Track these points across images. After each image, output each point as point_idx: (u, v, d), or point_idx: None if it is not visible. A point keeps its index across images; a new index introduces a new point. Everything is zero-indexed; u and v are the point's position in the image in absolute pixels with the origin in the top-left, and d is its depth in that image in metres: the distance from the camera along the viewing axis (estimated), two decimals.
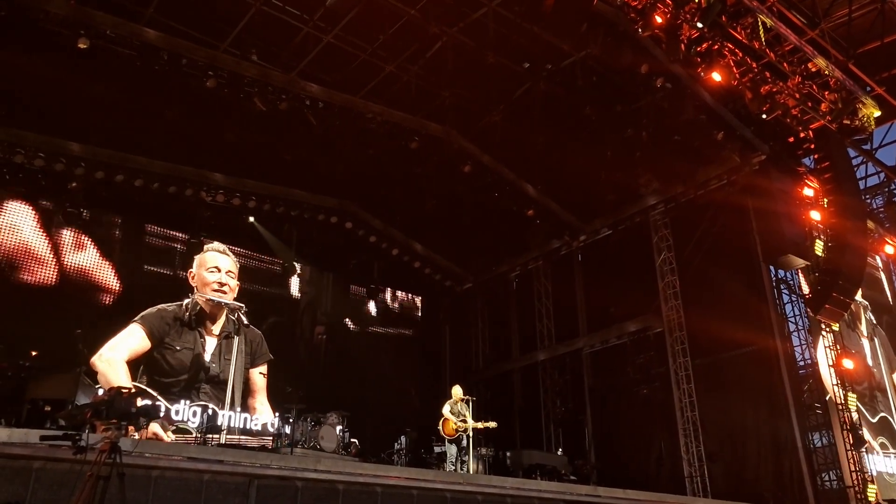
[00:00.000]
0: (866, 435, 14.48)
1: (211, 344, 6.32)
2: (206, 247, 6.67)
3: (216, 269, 6.38)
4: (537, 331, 19.07)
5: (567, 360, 18.42)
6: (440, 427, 12.84)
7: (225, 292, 6.32)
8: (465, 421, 12.72)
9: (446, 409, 12.91)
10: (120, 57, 12.01)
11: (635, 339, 16.80)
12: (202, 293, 6.30)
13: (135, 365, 5.94)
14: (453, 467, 12.40)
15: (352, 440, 10.37)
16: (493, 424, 12.82)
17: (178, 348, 6.10)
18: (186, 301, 6.35)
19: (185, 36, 12.60)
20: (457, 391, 13.12)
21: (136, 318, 6.06)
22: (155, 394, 5.67)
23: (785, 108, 13.54)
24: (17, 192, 13.94)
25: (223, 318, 6.44)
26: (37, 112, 13.16)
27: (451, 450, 12.66)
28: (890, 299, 18.27)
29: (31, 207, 14.11)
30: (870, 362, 16.29)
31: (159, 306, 6.26)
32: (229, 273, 6.45)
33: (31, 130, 13.34)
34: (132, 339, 5.92)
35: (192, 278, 6.51)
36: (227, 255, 6.56)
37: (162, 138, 14.30)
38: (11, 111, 12.99)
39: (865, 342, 16.34)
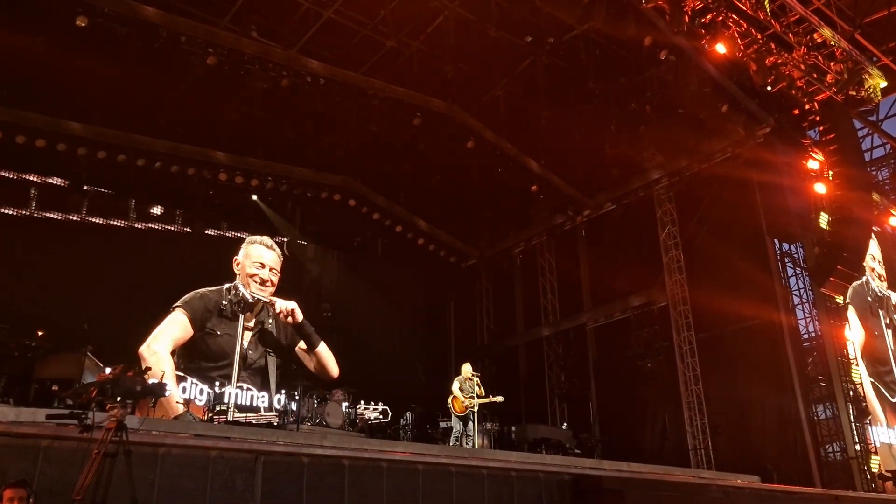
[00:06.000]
0: (880, 414, 14.49)
1: (248, 332, 6.48)
2: (254, 238, 6.84)
3: (261, 265, 6.61)
4: (542, 306, 19.11)
5: (571, 335, 18.49)
6: (450, 404, 12.92)
7: (267, 287, 6.53)
8: (472, 398, 12.80)
9: (455, 387, 12.98)
10: (119, 35, 11.92)
11: (639, 313, 16.83)
12: (245, 284, 6.47)
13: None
14: (457, 443, 12.50)
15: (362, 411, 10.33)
16: (499, 399, 12.90)
17: (219, 333, 6.26)
18: (228, 286, 6.50)
19: (183, 13, 12.50)
20: (466, 369, 13.19)
21: (178, 304, 6.20)
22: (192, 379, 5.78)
23: (790, 80, 13.43)
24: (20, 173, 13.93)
25: (261, 307, 6.61)
26: (37, 93, 13.11)
27: (458, 426, 12.75)
28: None
29: (33, 188, 14.10)
30: (891, 346, 16.23)
31: (200, 291, 6.42)
32: (273, 270, 6.66)
33: (32, 111, 13.28)
34: (176, 329, 6.07)
35: (237, 266, 6.68)
36: (274, 249, 6.80)
37: (163, 117, 14.25)
38: (12, 92, 12.94)
39: (888, 331, 16.23)
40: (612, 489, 7.09)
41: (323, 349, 6.94)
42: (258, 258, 6.64)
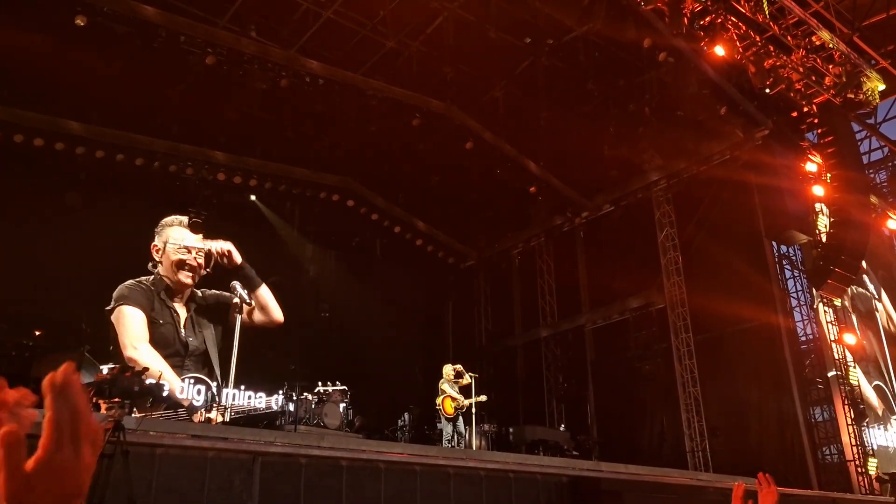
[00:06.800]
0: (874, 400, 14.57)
1: (182, 318, 6.36)
2: (171, 219, 6.50)
3: (186, 249, 6.31)
4: (540, 307, 19.10)
5: (569, 337, 18.49)
6: (440, 405, 12.87)
7: (196, 271, 6.28)
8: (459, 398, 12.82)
9: (447, 387, 12.93)
10: (118, 35, 11.91)
11: (637, 315, 16.83)
12: (171, 273, 6.27)
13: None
14: (450, 445, 12.46)
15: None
16: (483, 398, 12.91)
17: (160, 322, 6.14)
18: (153, 279, 6.32)
19: (183, 13, 12.49)
20: (447, 369, 13.16)
21: (119, 302, 6.03)
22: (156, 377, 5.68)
23: (789, 82, 13.45)
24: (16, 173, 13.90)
25: (188, 291, 6.44)
26: (36, 91, 13.07)
27: (448, 428, 12.72)
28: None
29: (31, 188, 14.06)
30: (858, 333, 16.33)
31: (130, 284, 6.24)
32: (199, 252, 6.37)
33: (30, 110, 13.25)
34: (141, 324, 5.96)
35: (157, 253, 6.42)
36: (198, 231, 6.49)
37: (162, 117, 14.23)
38: (11, 91, 12.91)
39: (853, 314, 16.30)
40: (609, 491, 7.09)
41: (264, 291, 6.69)
42: (182, 242, 6.31)
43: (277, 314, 6.71)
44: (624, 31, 12.73)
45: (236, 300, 6.29)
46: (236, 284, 6.37)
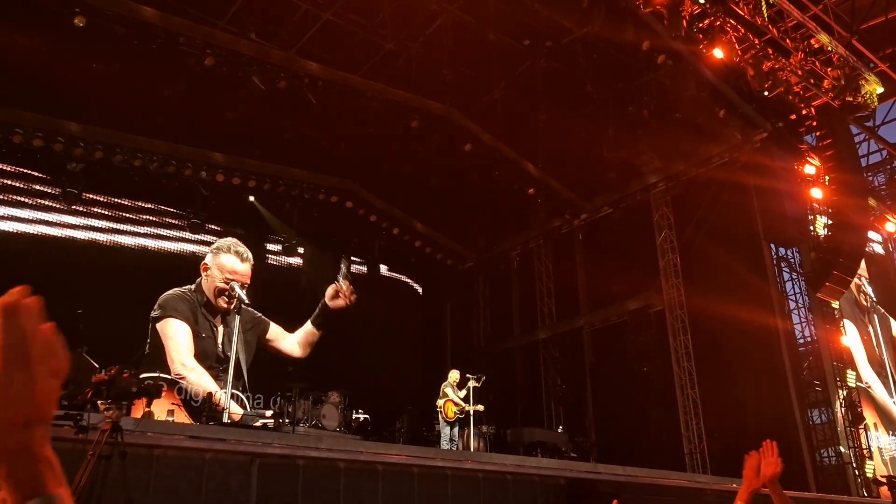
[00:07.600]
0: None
1: (221, 332, 6.37)
2: (227, 244, 6.47)
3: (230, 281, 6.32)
4: (538, 309, 19.11)
5: (568, 339, 18.49)
6: (441, 408, 12.90)
7: (233, 303, 6.26)
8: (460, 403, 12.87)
9: (450, 391, 12.96)
10: (117, 35, 11.90)
11: (636, 317, 16.84)
12: (211, 294, 6.26)
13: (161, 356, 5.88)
14: (448, 446, 12.49)
15: (362, 416, 10.26)
16: (480, 408, 12.97)
17: (203, 335, 6.13)
18: (194, 287, 6.33)
19: (182, 14, 12.49)
20: (454, 375, 13.20)
21: (166, 313, 5.96)
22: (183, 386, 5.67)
23: (787, 85, 13.47)
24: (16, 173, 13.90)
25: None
26: (35, 91, 13.07)
27: (446, 430, 12.74)
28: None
29: (28, 187, 14.07)
30: (873, 340, 16.37)
31: (176, 293, 6.20)
32: (244, 286, 6.35)
33: (29, 110, 13.25)
34: (188, 337, 5.92)
35: (205, 270, 6.40)
36: (248, 261, 6.45)
37: (161, 118, 14.22)
38: (10, 91, 12.91)
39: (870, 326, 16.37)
40: (607, 493, 7.09)
41: (317, 333, 6.99)
42: (231, 273, 6.29)
43: (306, 352, 6.96)
44: (623, 33, 12.74)
45: (236, 297, 6.27)
46: (235, 285, 6.33)
